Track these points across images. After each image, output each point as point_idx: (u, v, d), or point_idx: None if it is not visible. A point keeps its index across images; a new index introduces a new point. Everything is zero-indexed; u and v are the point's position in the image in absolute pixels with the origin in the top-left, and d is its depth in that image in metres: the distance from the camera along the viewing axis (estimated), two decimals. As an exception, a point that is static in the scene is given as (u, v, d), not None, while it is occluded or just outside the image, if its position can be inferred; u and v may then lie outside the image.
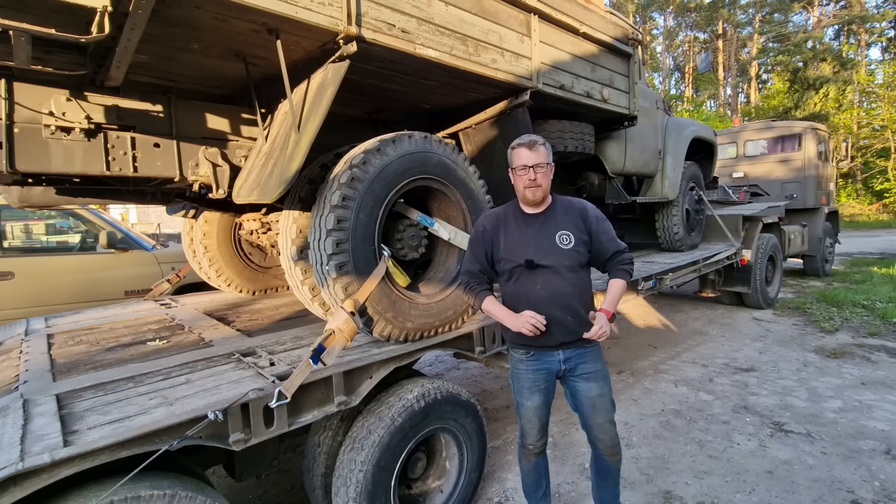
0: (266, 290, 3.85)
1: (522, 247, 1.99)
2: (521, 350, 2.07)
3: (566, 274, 1.97)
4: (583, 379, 2.04)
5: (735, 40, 34.18)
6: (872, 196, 26.31)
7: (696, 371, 4.52)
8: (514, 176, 2.01)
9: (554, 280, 1.95)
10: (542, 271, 1.96)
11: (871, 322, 5.98)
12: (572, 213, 2.03)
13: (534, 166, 1.93)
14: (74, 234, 5.09)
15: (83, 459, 1.33)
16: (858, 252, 12.82)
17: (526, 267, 1.96)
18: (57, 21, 1.52)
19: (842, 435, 3.22)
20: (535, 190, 1.96)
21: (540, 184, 1.95)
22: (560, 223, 2.00)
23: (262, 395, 1.68)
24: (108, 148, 2.20)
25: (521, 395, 2.11)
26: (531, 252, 1.97)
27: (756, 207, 7.16)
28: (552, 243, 1.97)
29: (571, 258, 1.97)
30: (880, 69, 29.54)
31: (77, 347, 2.46)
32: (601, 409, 2.05)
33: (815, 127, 8.92)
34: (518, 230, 2.02)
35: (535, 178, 1.94)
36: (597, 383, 2.04)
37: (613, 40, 3.51)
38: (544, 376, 2.06)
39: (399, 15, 2.11)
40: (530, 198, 1.98)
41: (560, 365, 2.04)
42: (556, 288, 1.96)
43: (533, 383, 2.06)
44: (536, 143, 1.95)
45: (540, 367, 2.05)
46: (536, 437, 2.15)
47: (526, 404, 2.10)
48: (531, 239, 1.99)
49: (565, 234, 1.98)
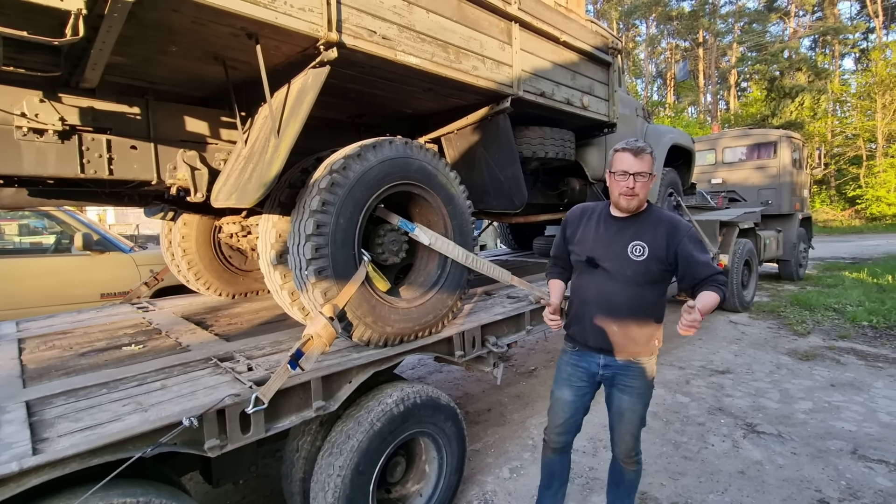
0: (245, 293, 3.81)
1: (591, 244, 1.99)
2: (570, 343, 2.15)
3: (624, 283, 1.92)
4: (619, 390, 2.05)
5: (715, 49, 34.99)
6: (845, 202, 27.17)
7: (674, 373, 4.61)
8: (610, 179, 1.93)
9: (608, 285, 1.95)
10: (600, 273, 1.97)
11: (841, 325, 6.18)
12: (659, 228, 1.93)
13: (635, 174, 1.85)
14: (49, 235, 4.97)
15: (53, 468, 1.31)
16: (831, 257, 13.22)
17: (587, 263, 1.99)
18: (30, 23, 1.50)
19: (811, 435, 3.33)
20: (631, 199, 1.89)
21: (637, 193, 1.88)
22: (640, 233, 1.93)
23: (239, 401, 1.68)
24: (83, 150, 2.16)
25: (556, 384, 2.16)
26: (598, 251, 1.97)
27: (733, 213, 7.33)
28: (622, 250, 1.92)
29: (637, 271, 1.90)
30: (853, 79, 30.56)
31: (49, 352, 2.41)
32: (627, 422, 2.07)
33: (790, 135, 9.18)
34: (596, 228, 2.02)
35: (634, 186, 1.86)
36: (631, 398, 2.03)
37: (593, 49, 3.58)
38: (581, 374, 2.09)
39: (380, 22, 2.13)
40: (624, 205, 1.92)
41: (599, 369, 2.05)
42: (606, 292, 1.96)
43: (569, 376, 2.11)
44: (643, 151, 1.86)
45: (579, 364, 2.09)
46: (557, 432, 2.16)
47: (556, 394, 2.15)
48: (603, 239, 1.98)
49: (640, 245, 1.91)
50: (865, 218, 25.17)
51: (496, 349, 2.74)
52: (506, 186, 3.13)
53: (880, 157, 25.45)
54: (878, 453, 3.06)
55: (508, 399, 4.11)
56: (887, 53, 26.50)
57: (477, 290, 3.61)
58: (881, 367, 4.61)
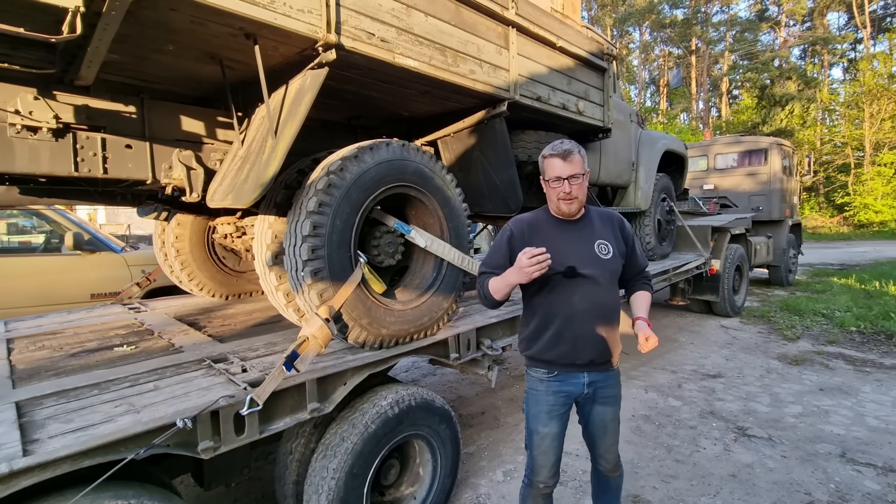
0: (239, 294, 3.79)
1: (562, 253, 1.80)
2: (543, 369, 1.89)
3: (605, 285, 1.85)
4: (600, 403, 1.93)
5: (707, 56, 35.43)
6: (834, 209, 27.55)
7: (666, 377, 4.64)
8: (546, 187, 1.87)
9: (594, 291, 1.82)
10: (582, 281, 1.81)
11: (830, 330, 6.26)
12: (609, 223, 1.92)
13: (569, 178, 1.77)
14: (38, 234, 4.91)
15: (43, 469, 1.29)
16: (820, 263, 13.38)
17: (565, 275, 1.80)
18: (26, 19, 1.49)
19: (801, 439, 3.36)
20: (571, 203, 1.82)
21: (576, 196, 1.80)
22: (598, 231, 1.89)
23: (233, 403, 1.66)
24: (77, 148, 2.14)
25: (538, 422, 1.90)
26: (573, 259, 1.81)
27: (724, 219, 7.41)
28: (591, 252, 1.84)
29: (611, 269, 1.86)
30: (842, 88, 31.07)
31: (39, 353, 2.38)
32: (611, 432, 1.98)
33: (780, 143, 9.31)
34: (554, 238, 1.85)
35: (571, 190, 1.78)
36: (612, 408, 1.95)
37: (589, 55, 3.61)
38: (564, 399, 1.90)
39: (378, 24, 2.13)
40: (565, 210, 1.84)
41: (583, 388, 1.89)
42: (596, 300, 1.83)
43: (552, 407, 1.88)
44: (571, 153, 1.78)
45: (562, 390, 1.88)
46: (550, 474, 1.92)
47: (542, 432, 1.88)
48: (569, 246, 1.84)
49: (604, 243, 1.86)
50: (853, 225, 25.54)
51: (491, 352, 2.75)
52: (502, 189, 3.14)
53: (868, 165, 25.86)
54: (867, 457, 3.10)
55: (502, 402, 4.11)
56: (875, 64, 26.99)
57: (472, 292, 3.61)
58: (869, 372, 4.68)
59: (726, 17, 35.70)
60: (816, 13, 33.67)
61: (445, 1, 2.44)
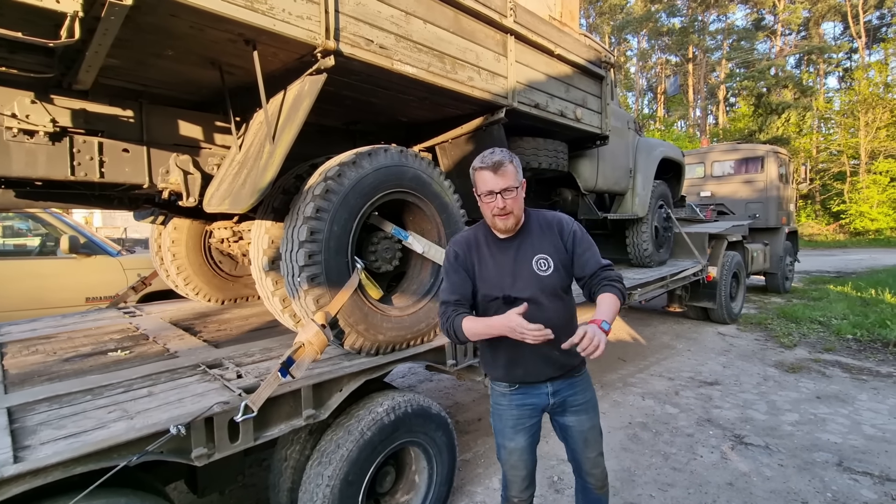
0: (236, 299, 3.78)
1: (498, 278, 1.74)
2: (504, 383, 1.83)
3: (548, 304, 1.73)
4: (573, 412, 1.85)
5: (705, 64, 35.72)
6: (830, 217, 27.71)
7: (663, 384, 4.63)
8: (480, 202, 1.74)
9: (536, 313, 1.65)
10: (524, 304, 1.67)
11: (826, 338, 6.26)
12: (549, 231, 1.80)
13: (501, 192, 1.65)
14: (33, 237, 4.89)
15: (35, 476, 1.28)
16: (816, 270, 13.43)
17: (504, 302, 1.71)
18: (25, 23, 1.49)
19: (798, 447, 3.35)
20: (506, 218, 1.71)
21: (510, 210, 1.69)
22: (536, 245, 1.77)
23: (228, 409, 1.65)
24: (74, 152, 2.14)
25: (504, 436, 1.84)
26: (507, 284, 1.73)
27: (721, 226, 7.44)
28: (529, 271, 1.74)
29: (552, 285, 1.75)
30: (837, 97, 31.36)
31: (32, 357, 2.36)
32: (593, 443, 1.89)
33: (777, 150, 9.37)
34: (492, 258, 1.77)
35: (505, 205, 1.67)
36: (587, 415, 1.86)
37: (587, 62, 3.63)
38: (530, 412, 1.83)
39: (377, 31, 2.14)
40: (501, 227, 1.74)
41: (548, 399, 1.82)
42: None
43: (517, 421, 1.82)
44: (502, 164, 1.65)
45: (525, 402, 1.82)
46: (522, 487, 1.86)
47: (509, 446, 1.84)
48: (506, 268, 1.75)
49: (543, 258, 1.75)
50: (849, 232, 25.67)
51: (488, 358, 2.74)
52: (499, 196, 3.14)
53: (863, 173, 26.04)
54: (863, 465, 3.10)
55: (499, 409, 4.09)
56: (870, 73, 27.26)
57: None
58: (865, 380, 4.68)
59: (723, 26, 36.06)
60: (812, 23, 34.00)
61: (444, 8, 2.46)
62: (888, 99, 25.55)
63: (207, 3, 1.59)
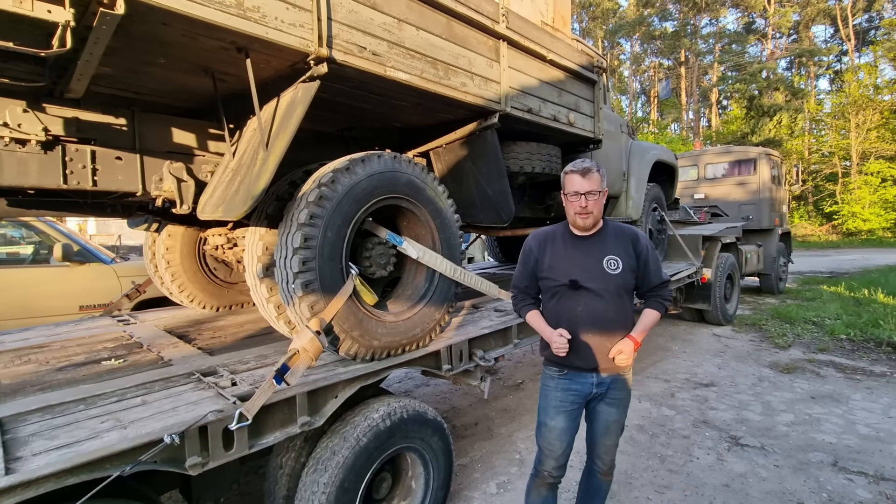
0: (230, 306, 3.76)
1: (568, 267, 2.00)
2: (555, 368, 2.07)
3: (609, 299, 1.96)
4: (607, 403, 2.06)
5: (697, 68, 36.01)
6: (822, 218, 27.94)
7: (659, 386, 4.65)
8: (565, 200, 2.02)
9: (596, 303, 1.96)
10: (585, 293, 1.97)
11: (820, 338, 6.31)
12: (623, 239, 2.03)
13: (586, 193, 1.93)
14: (27, 244, 4.86)
15: (26, 488, 1.26)
16: (810, 271, 13.53)
17: (569, 287, 1.97)
18: (16, 33, 1.49)
19: (793, 448, 3.37)
20: (586, 217, 1.97)
21: (591, 211, 1.95)
22: (609, 248, 2.01)
23: (222, 417, 1.65)
24: (66, 161, 2.13)
25: (546, 415, 2.07)
26: (576, 273, 1.97)
27: (715, 228, 7.48)
28: (599, 267, 1.97)
29: (617, 284, 1.97)
30: (828, 99, 31.68)
31: (24, 367, 2.34)
32: (613, 433, 2.10)
33: (769, 153, 9.45)
34: (565, 251, 2.04)
35: (587, 205, 1.94)
36: (617, 409, 2.06)
37: (579, 67, 3.65)
38: (573, 398, 2.04)
39: (370, 38, 2.15)
40: (581, 224, 2.00)
41: (592, 388, 2.02)
42: (597, 311, 1.96)
43: (560, 403, 2.04)
44: (590, 171, 1.94)
45: (571, 388, 2.04)
46: (554, 465, 2.07)
47: (549, 424, 2.06)
48: (577, 260, 2.00)
49: (613, 258, 1.98)
50: (842, 233, 25.89)
51: (483, 363, 2.74)
52: (493, 200, 3.16)
53: (855, 174, 26.30)
54: (858, 465, 3.11)
55: (496, 413, 4.10)
56: (860, 75, 27.56)
57: (464, 303, 3.61)
58: (859, 380, 4.71)
59: (715, 30, 36.38)
60: (802, 26, 34.39)
61: (437, 15, 2.47)
62: (878, 101, 25.85)
63: (199, 11, 1.60)
